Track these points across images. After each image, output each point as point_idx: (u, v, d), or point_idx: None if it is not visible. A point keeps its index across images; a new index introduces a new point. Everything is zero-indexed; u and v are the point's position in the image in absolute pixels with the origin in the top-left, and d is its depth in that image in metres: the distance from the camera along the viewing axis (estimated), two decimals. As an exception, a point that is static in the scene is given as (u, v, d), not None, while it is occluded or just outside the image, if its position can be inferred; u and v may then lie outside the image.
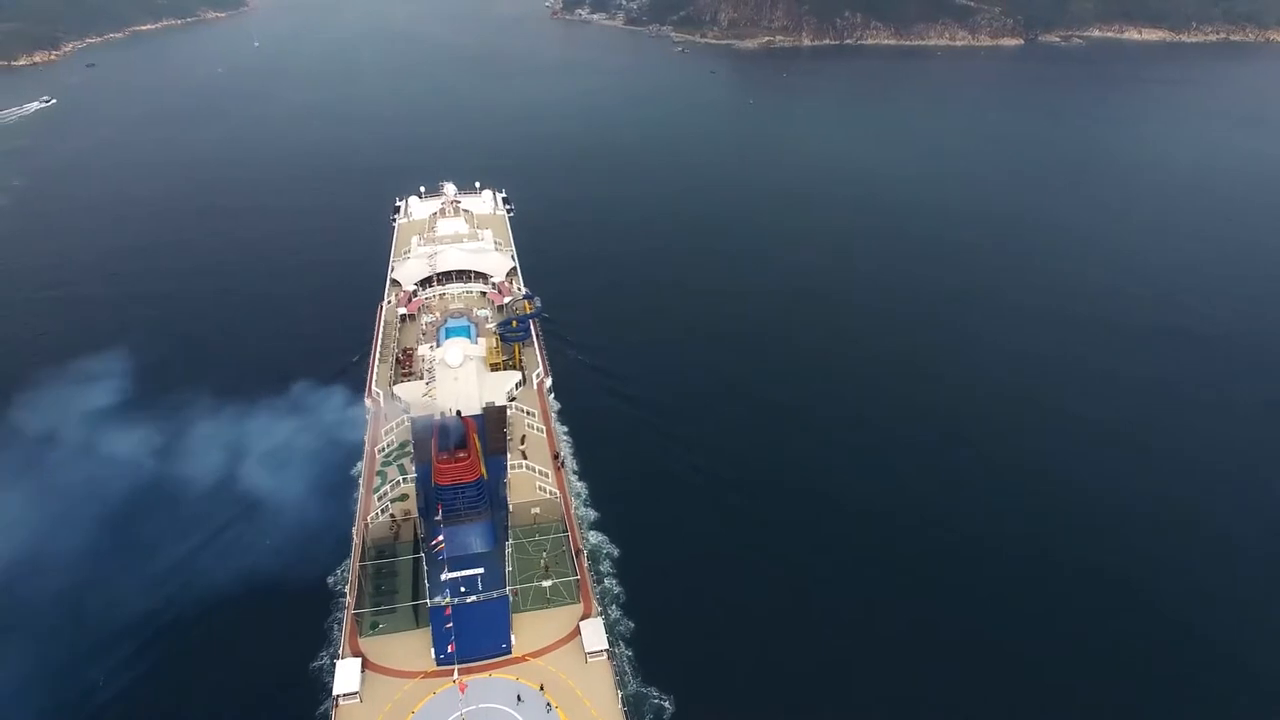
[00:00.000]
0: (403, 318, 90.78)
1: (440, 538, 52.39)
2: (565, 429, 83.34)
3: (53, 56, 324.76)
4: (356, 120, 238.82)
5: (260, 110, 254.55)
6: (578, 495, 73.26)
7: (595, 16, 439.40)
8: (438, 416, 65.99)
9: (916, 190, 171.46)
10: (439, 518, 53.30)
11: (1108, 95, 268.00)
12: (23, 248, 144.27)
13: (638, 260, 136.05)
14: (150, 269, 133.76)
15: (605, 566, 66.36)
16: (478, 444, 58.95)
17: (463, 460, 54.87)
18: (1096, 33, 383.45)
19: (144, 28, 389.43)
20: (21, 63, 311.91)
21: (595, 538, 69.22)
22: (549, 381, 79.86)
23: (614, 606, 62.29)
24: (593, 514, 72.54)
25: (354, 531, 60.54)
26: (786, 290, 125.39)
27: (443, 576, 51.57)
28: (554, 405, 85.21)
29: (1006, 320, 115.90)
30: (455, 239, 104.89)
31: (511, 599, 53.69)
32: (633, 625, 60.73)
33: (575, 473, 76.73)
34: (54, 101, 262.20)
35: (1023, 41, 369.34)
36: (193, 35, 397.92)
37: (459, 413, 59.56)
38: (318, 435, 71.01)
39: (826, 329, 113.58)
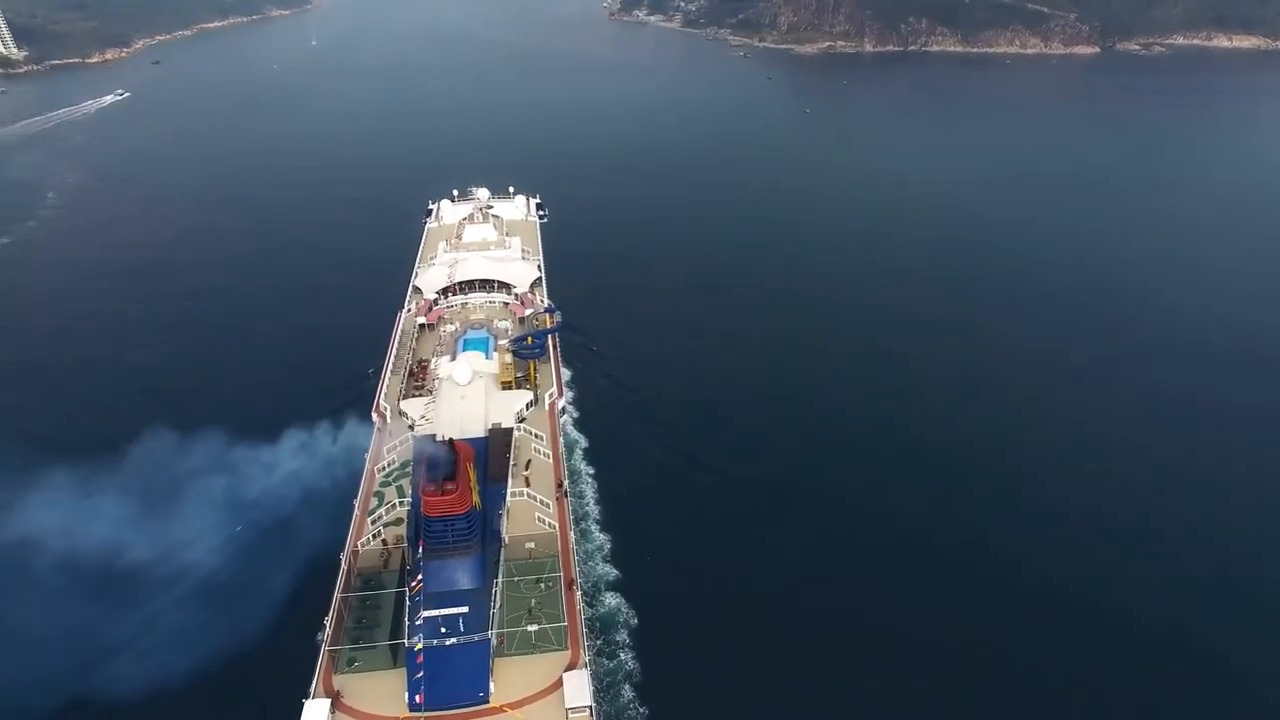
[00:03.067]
0: (421, 327, 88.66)
1: (419, 579, 49.34)
2: (591, 469, 79.29)
3: (123, 54, 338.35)
4: (405, 118, 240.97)
5: (307, 108, 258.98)
6: (599, 549, 68.97)
7: (652, 18, 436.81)
8: (440, 437, 63.20)
9: (983, 209, 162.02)
10: (419, 555, 50.28)
11: (1199, 108, 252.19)
12: (58, 247, 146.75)
13: (679, 273, 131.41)
14: (180, 269, 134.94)
15: (621, 636, 60.66)
16: (471, 473, 55.67)
17: (450, 493, 51.63)
18: (1181, 40, 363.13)
19: (211, 25, 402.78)
20: (94, 60, 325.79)
21: (612, 600, 63.65)
22: (562, 402, 76.38)
23: (626, 686, 56.58)
24: (612, 572, 66.68)
25: (342, 557, 57.94)
26: (847, 309, 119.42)
27: (418, 618, 48.62)
28: (581, 440, 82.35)
29: (1082, 351, 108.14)
30: (482, 246, 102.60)
31: (495, 643, 50.44)
32: (646, 713, 55.08)
33: (597, 522, 72.25)
34: (127, 95, 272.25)
35: (1099, 49, 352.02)
36: (256, 33, 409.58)
37: (450, 440, 56.27)
38: (320, 452, 69.03)
39: (893, 351, 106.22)
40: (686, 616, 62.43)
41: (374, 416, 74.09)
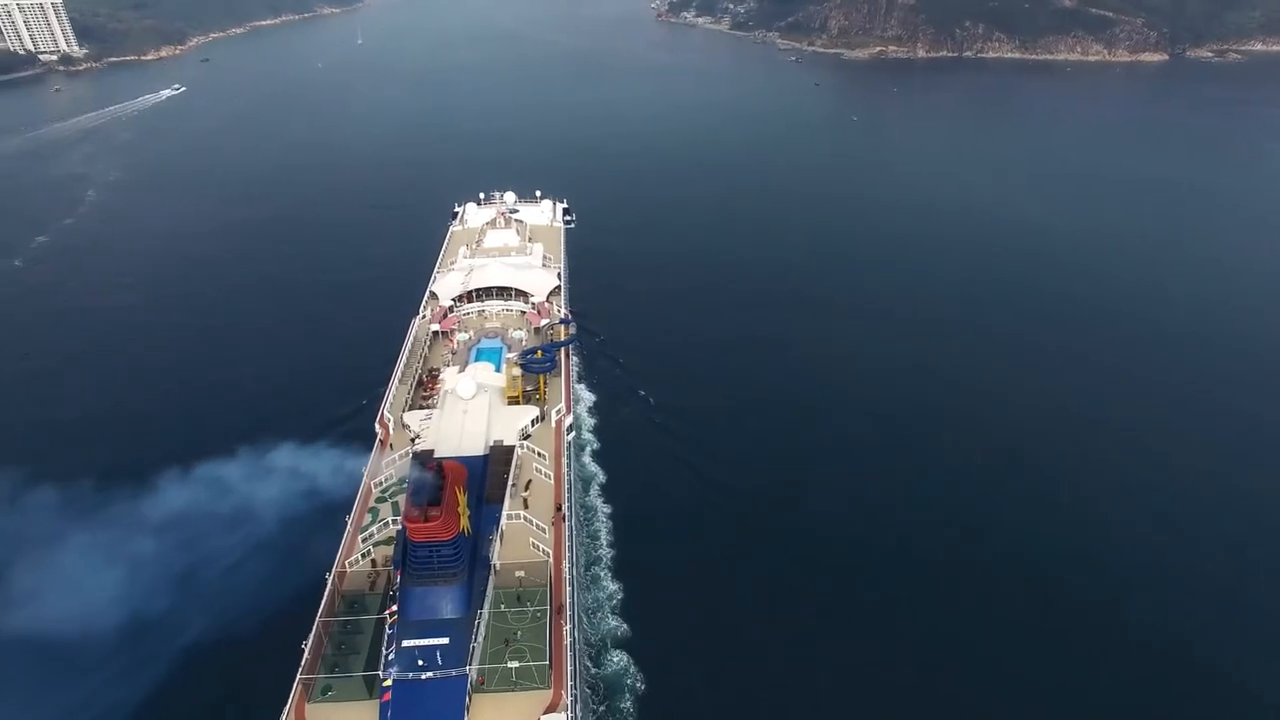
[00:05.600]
0: (435, 335, 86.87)
1: (393, 609, 47.02)
2: (608, 508, 75.65)
3: (177, 51, 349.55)
4: (443, 119, 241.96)
5: (345, 107, 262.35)
6: (609, 599, 65.20)
7: (700, 20, 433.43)
8: (435, 454, 61.02)
9: (1038, 235, 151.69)
10: (397, 582, 48.02)
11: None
12: (88, 250, 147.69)
13: (715, 283, 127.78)
14: (202, 270, 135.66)
15: (626, 703, 56.18)
16: (460, 496, 53.09)
17: (434, 519, 49.15)
18: (1259, 46, 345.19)
19: (264, 23, 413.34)
20: (150, 57, 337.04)
21: (619, 658, 59.01)
22: (569, 420, 73.49)
23: None
24: (621, 627, 61.91)
25: (328, 576, 55.91)
26: (889, 334, 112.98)
27: (392, 649, 46.30)
28: (599, 474, 79.81)
29: (1140, 368, 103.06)
30: (502, 251, 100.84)
31: (474, 678, 47.84)
32: None
33: (608, 568, 68.22)
34: (183, 89, 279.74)
35: (1167, 57, 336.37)
36: (306, 30, 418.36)
37: (439, 463, 53.80)
38: (322, 462, 67.38)
39: (940, 382, 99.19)
40: (702, 685, 56.61)
41: (376, 427, 72.23)
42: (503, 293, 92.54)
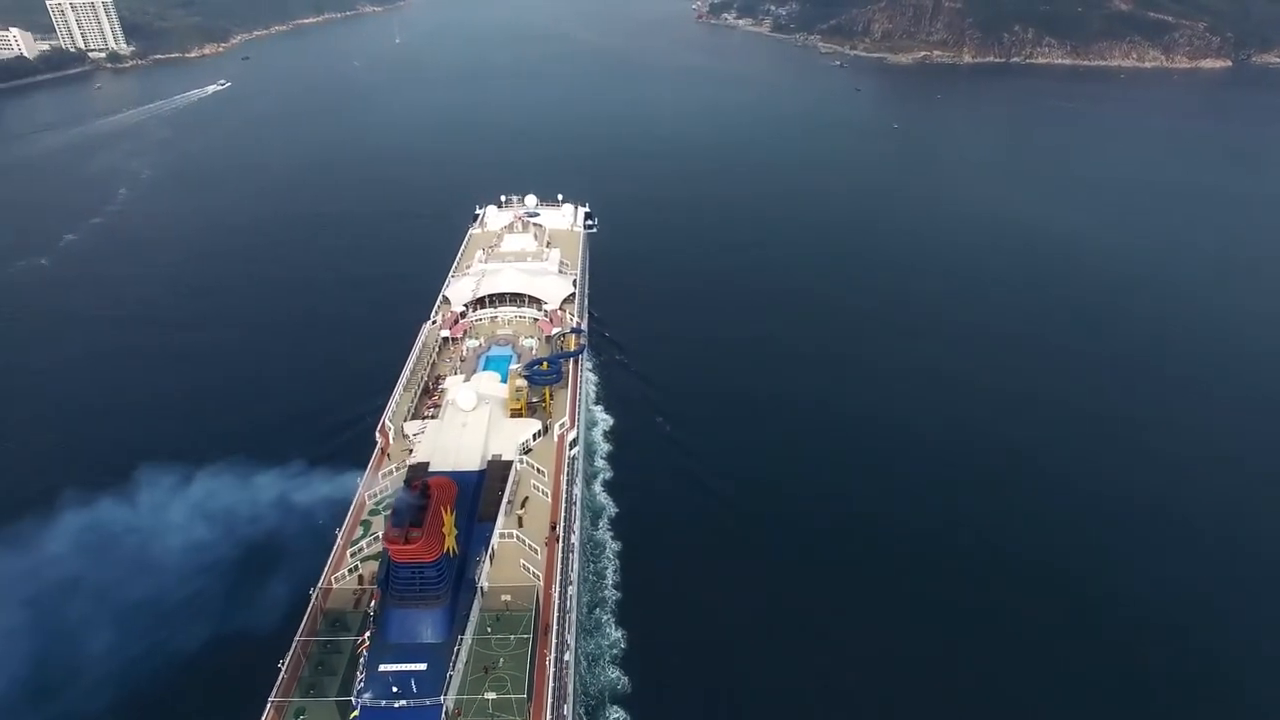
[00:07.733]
0: (444, 341, 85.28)
1: (366, 636, 45.14)
2: (617, 544, 72.57)
3: (220, 49, 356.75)
4: (475, 118, 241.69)
5: (377, 105, 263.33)
6: (611, 648, 62.19)
7: (741, 22, 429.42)
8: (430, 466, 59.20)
9: (1089, 258, 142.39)
10: (373, 605, 46.16)
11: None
12: (112, 252, 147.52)
13: (738, 297, 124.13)
14: (221, 268, 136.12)
15: None
16: (447, 516, 51.04)
17: (415, 540, 47.15)
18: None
19: (306, 21, 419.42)
20: (193, 54, 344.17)
21: (616, 717, 55.57)
22: (573, 435, 71.11)
23: None
24: (622, 680, 58.31)
25: (312, 592, 54.24)
26: (921, 359, 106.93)
27: (360, 679, 44.38)
28: (610, 506, 77.83)
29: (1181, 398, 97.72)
30: (519, 256, 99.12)
31: (449, 708, 45.71)
32: None
33: (612, 613, 65.02)
34: (229, 84, 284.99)
35: (1230, 63, 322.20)
36: (347, 29, 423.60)
37: (424, 483, 51.72)
38: (323, 470, 66.10)
39: (981, 419, 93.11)
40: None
41: (377, 436, 70.76)
42: (515, 299, 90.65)
